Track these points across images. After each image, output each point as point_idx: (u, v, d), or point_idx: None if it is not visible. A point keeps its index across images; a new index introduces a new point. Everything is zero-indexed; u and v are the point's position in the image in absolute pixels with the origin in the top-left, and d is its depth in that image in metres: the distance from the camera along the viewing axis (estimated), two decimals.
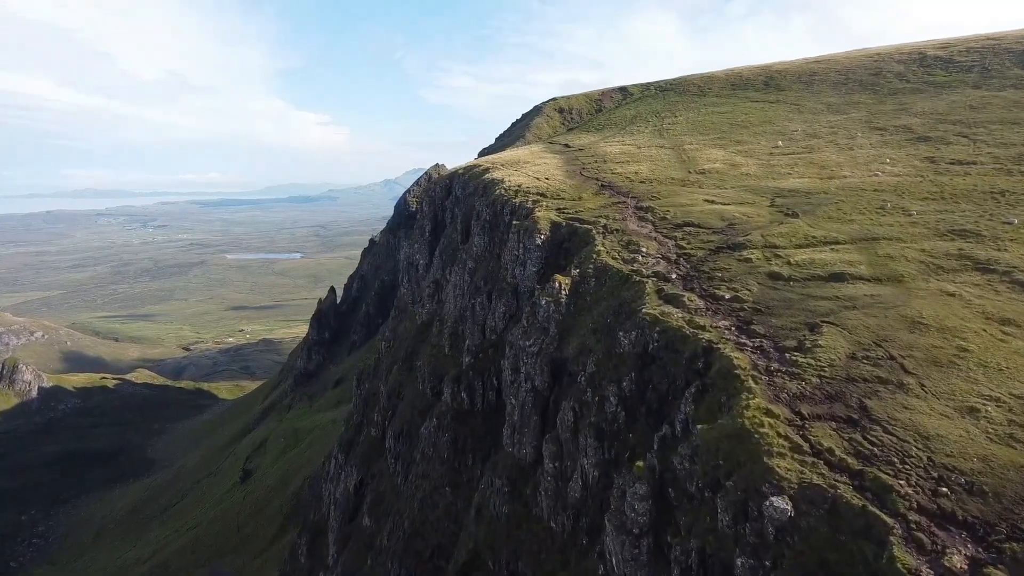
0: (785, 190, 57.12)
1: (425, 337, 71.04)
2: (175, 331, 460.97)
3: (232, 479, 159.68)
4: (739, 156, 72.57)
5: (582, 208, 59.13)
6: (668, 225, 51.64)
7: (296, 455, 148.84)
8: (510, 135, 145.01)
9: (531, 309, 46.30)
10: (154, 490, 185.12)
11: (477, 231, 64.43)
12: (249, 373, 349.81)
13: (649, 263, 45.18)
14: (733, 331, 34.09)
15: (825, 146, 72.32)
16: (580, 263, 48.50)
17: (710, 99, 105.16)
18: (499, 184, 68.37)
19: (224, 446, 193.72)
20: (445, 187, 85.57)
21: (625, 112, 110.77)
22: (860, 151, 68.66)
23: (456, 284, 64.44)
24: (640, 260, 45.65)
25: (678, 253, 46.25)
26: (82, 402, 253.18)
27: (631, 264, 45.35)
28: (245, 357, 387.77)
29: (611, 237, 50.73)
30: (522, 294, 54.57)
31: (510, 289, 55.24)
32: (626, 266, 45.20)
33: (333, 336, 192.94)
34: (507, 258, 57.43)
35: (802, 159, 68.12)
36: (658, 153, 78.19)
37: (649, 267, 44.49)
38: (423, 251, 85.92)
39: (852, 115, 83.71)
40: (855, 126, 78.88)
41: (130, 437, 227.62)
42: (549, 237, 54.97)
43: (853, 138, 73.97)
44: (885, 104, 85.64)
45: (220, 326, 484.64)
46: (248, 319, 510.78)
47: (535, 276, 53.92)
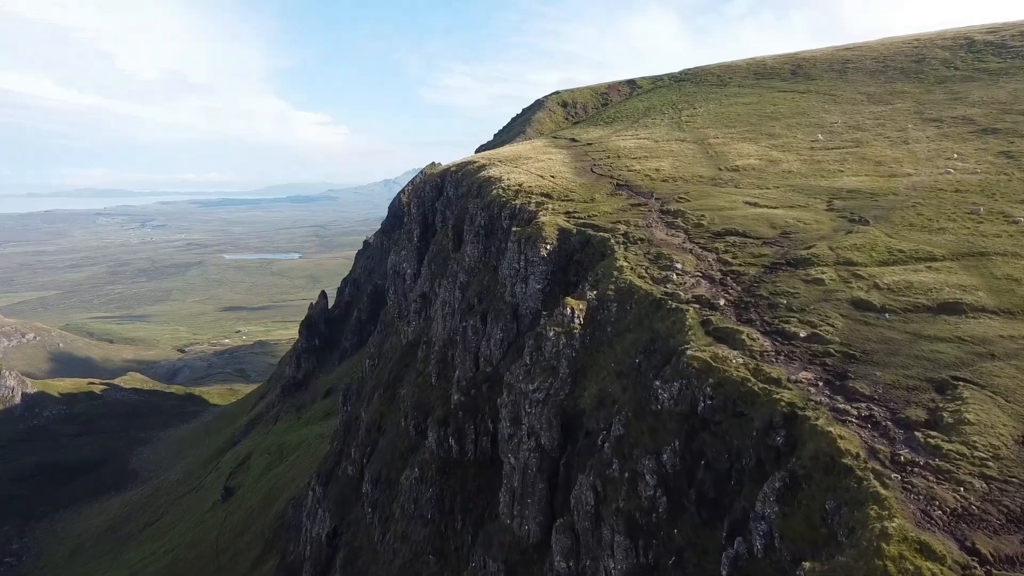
0: (843, 190, 47.21)
1: (410, 361, 61.11)
2: (171, 332, 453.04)
3: (214, 497, 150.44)
4: (775, 151, 62.68)
5: (596, 212, 49.19)
6: (705, 233, 41.66)
7: (280, 473, 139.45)
8: (509, 131, 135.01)
9: (535, 342, 36.32)
10: (134, 506, 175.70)
11: (470, 238, 54.49)
12: (243, 376, 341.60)
13: (687, 283, 35.23)
14: (823, 389, 24.12)
15: (874, 139, 62.54)
16: (597, 282, 38.50)
17: (732, 89, 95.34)
18: (496, 183, 58.41)
19: (208, 459, 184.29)
20: (436, 187, 75.50)
21: (636, 104, 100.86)
22: (917, 145, 58.95)
23: (446, 300, 54.48)
24: (675, 279, 35.70)
25: (723, 270, 36.28)
26: (67, 409, 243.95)
27: (663, 285, 35.39)
28: (240, 359, 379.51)
29: (635, 248, 40.73)
30: (523, 317, 44.62)
31: (509, 310, 45.30)
32: (657, 287, 35.24)
33: (324, 343, 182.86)
34: (505, 272, 47.51)
35: (851, 154, 58.27)
36: (680, 147, 68.23)
37: (688, 289, 34.55)
38: (411, 259, 75.86)
39: (897, 105, 73.91)
40: (903, 117, 69.17)
41: (114, 446, 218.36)
42: (556, 247, 45.03)
43: (904, 130, 64.29)
44: (934, 93, 75.85)
45: (216, 327, 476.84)
46: (245, 320, 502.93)
47: (539, 295, 44.01)
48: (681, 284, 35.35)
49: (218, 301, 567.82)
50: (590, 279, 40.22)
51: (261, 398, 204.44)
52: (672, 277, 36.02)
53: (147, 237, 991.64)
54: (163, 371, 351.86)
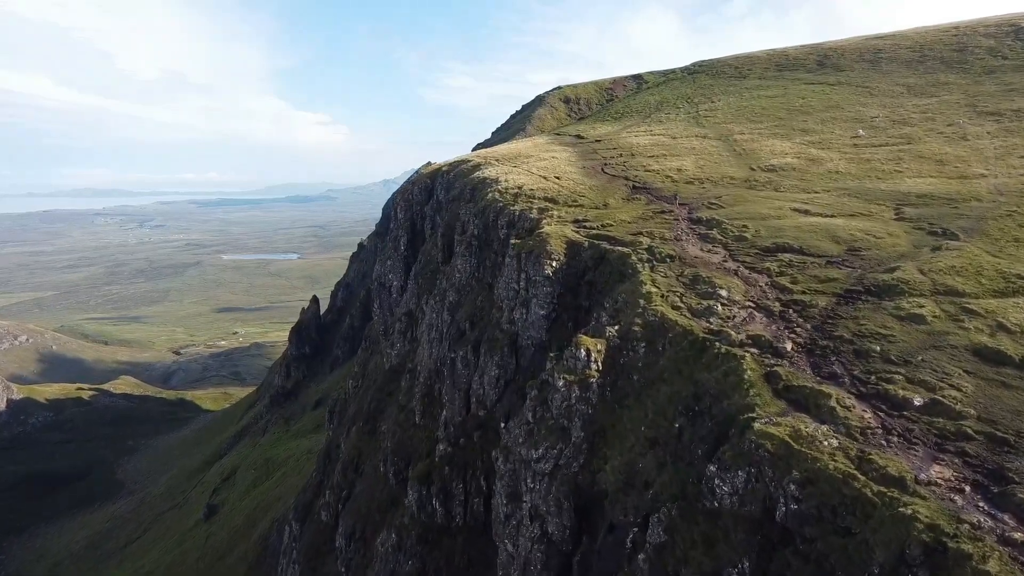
0: (910, 195, 39.11)
1: (393, 390, 53.00)
2: (167, 333, 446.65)
3: (196, 515, 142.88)
4: (814, 148, 54.61)
5: (611, 220, 41.02)
6: (750, 249, 33.53)
7: (266, 490, 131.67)
8: (508, 129, 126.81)
9: (540, 393, 28.18)
10: (116, 520, 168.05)
11: (461, 250, 46.39)
12: (239, 379, 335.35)
13: (737, 317, 27.12)
14: (974, 498, 16.04)
15: (925, 135, 54.58)
16: (617, 311, 30.37)
17: (752, 81, 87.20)
18: (492, 185, 50.31)
19: (194, 472, 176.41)
20: (425, 189, 67.21)
21: (647, 98, 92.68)
22: (979, 141, 51.07)
23: (432, 323, 46.33)
24: (720, 311, 27.57)
25: (782, 299, 28.14)
26: (54, 416, 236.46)
27: (705, 319, 27.27)
28: (236, 362, 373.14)
29: (663, 268, 32.57)
30: (523, 349, 36.49)
31: (506, 340, 37.18)
32: (698, 322, 27.11)
33: (314, 351, 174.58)
34: (502, 292, 39.41)
35: (904, 152, 50.24)
36: (702, 145, 60.10)
37: (739, 325, 26.46)
38: (397, 270, 67.53)
39: (944, 98, 65.82)
40: (954, 111, 61.17)
41: (101, 455, 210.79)
42: (564, 264, 36.90)
43: (957, 125, 56.34)
44: (983, 84, 67.77)
45: (213, 328, 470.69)
46: (242, 321, 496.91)
47: (543, 324, 35.90)
48: (729, 318, 27.22)
49: (215, 302, 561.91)
50: (607, 307, 32.06)
51: (250, 407, 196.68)
52: (716, 308, 27.87)
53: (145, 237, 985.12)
54: (158, 373, 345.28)
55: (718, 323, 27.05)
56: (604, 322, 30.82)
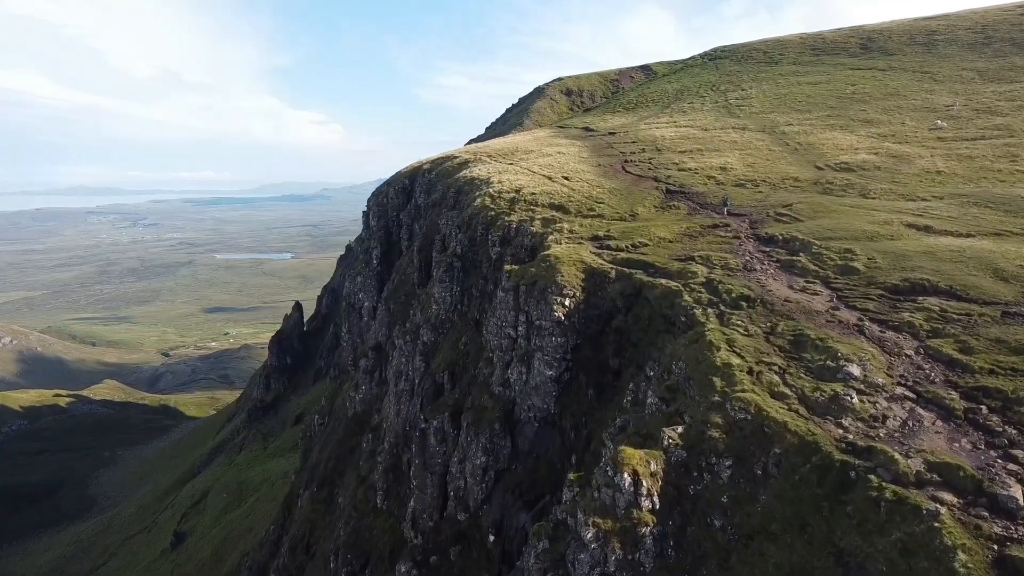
0: None
1: (355, 446, 41.57)
2: (157, 334, 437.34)
3: (163, 543, 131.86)
4: (889, 142, 43.43)
5: (644, 237, 29.50)
6: (869, 288, 22.09)
7: (237, 519, 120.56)
8: (504, 123, 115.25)
9: (552, 547, 16.66)
10: (83, 543, 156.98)
11: (440, 273, 34.85)
12: (228, 382, 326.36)
13: (889, 416, 15.94)
14: None
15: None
16: (674, 393, 18.97)
17: (787, 67, 75.80)
18: (482, 187, 38.84)
19: (166, 492, 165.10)
20: (403, 191, 55.31)
21: (664, 87, 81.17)
22: None
23: (402, 370, 34.84)
24: (856, 404, 16.28)
25: (957, 383, 16.76)
26: (28, 424, 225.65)
27: (835, 418, 16.02)
28: (225, 364, 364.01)
29: (740, 319, 21.08)
30: (522, 425, 25.14)
31: (498, 411, 25.78)
32: (823, 426, 15.87)
33: (296, 361, 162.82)
34: (493, 337, 27.98)
35: (1013, 146, 38.95)
36: (744, 138, 48.77)
37: (899, 435, 15.28)
38: (368, 288, 55.73)
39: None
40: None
41: (75, 468, 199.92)
42: (582, 302, 25.51)
43: None
44: None
45: (205, 329, 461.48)
46: (234, 321, 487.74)
47: (551, 388, 24.59)
48: (877, 420, 15.87)
49: (207, 302, 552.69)
50: (653, 376, 20.72)
51: (228, 421, 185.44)
52: (849, 399, 16.46)
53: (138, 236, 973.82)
54: (145, 376, 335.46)
55: (859, 429, 15.72)
56: (651, 405, 19.41)
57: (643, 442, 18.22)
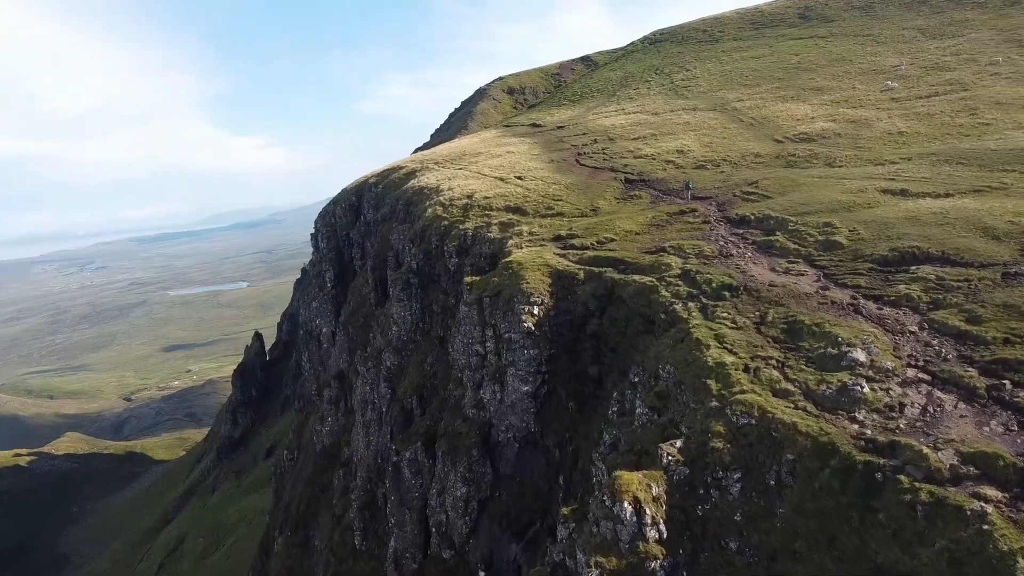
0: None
1: (327, 483, 39.21)
2: (117, 379, 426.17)
3: None
4: (844, 107, 42.59)
5: (609, 232, 27.79)
6: (858, 263, 20.60)
7: (217, 562, 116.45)
8: (449, 128, 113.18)
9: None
10: None
11: (397, 291, 32.75)
12: (195, 420, 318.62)
13: (907, 404, 14.42)
14: None
15: (978, 79, 43.63)
16: (664, 401, 17.19)
17: (728, 44, 74.98)
18: (432, 196, 36.86)
19: (141, 541, 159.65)
20: (351, 208, 52.93)
21: (608, 75, 79.85)
22: None
23: (367, 398, 32.70)
24: (868, 394, 14.75)
25: (973, 358, 15.23)
26: None
27: (848, 411, 14.48)
28: (190, 402, 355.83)
29: (726, 311, 19.40)
30: (502, 448, 23.24)
31: (474, 435, 23.85)
32: (836, 422, 14.32)
33: (262, 392, 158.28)
34: (460, 356, 26.06)
35: (968, 100, 38.28)
36: (698, 118, 47.50)
37: (920, 424, 13.74)
38: (325, 313, 53.26)
39: (971, 36, 54.84)
40: (994, 49, 50.20)
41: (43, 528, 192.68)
42: (551, 308, 23.70)
43: (1014, 63, 44.58)
44: (1012, 17, 57.07)
45: (165, 368, 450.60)
46: (195, 357, 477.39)
47: (529, 405, 22.75)
48: (894, 409, 14.33)
49: (165, 340, 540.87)
50: (639, 382, 18.96)
51: (197, 461, 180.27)
52: (860, 389, 14.88)
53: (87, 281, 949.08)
54: (108, 424, 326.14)
55: (876, 422, 14.14)
56: (641, 416, 17.63)
57: (638, 460, 16.41)
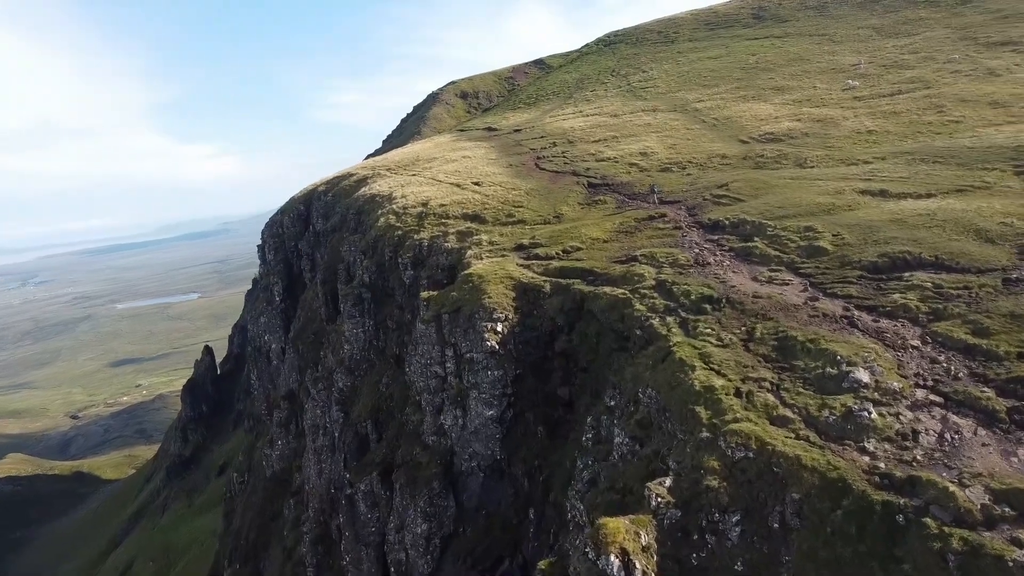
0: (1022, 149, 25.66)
1: (277, 513, 36.72)
2: (63, 396, 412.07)
3: None
4: (808, 107, 41.69)
5: (575, 240, 26.05)
6: (846, 270, 19.15)
7: None
8: (401, 134, 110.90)
9: None
10: None
11: (349, 307, 30.49)
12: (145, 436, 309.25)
13: (921, 431, 12.96)
14: None
15: (939, 76, 43.30)
16: (646, 430, 15.42)
17: (684, 44, 74.19)
18: (385, 204, 34.76)
19: (89, 566, 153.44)
20: (299, 218, 50.45)
21: (563, 77, 78.48)
22: (1017, 74, 39.02)
23: (318, 422, 30.38)
24: (876, 420, 13.26)
25: (986, 376, 13.75)
26: None
27: (856, 441, 12.95)
28: (140, 418, 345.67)
29: (709, 326, 17.74)
30: (466, 478, 21.35)
31: (436, 464, 21.91)
32: (844, 454, 12.77)
33: (213, 408, 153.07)
34: (418, 377, 24.05)
35: (933, 97, 37.72)
36: (659, 120, 46.21)
37: (938, 454, 12.33)
38: (274, 328, 50.66)
39: (927, 34, 54.64)
40: (950, 46, 50.22)
41: None
42: (517, 324, 21.86)
43: (971, 59, 44.53)
44: (965, 15, 57.05)
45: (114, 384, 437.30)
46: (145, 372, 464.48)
47: (494, 431, 20.93)
48: (907, 438, 12.82)
49: (114, 355, 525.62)
50: (615, 405, 17.20)
51: (147, 481, 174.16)
52: (866, 414, 13.32)
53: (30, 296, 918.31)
54: (54, 443, 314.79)
55: (890, 453, 12.61)
56: (621, 446, 15.87)
57: (622, 499, 14.62)
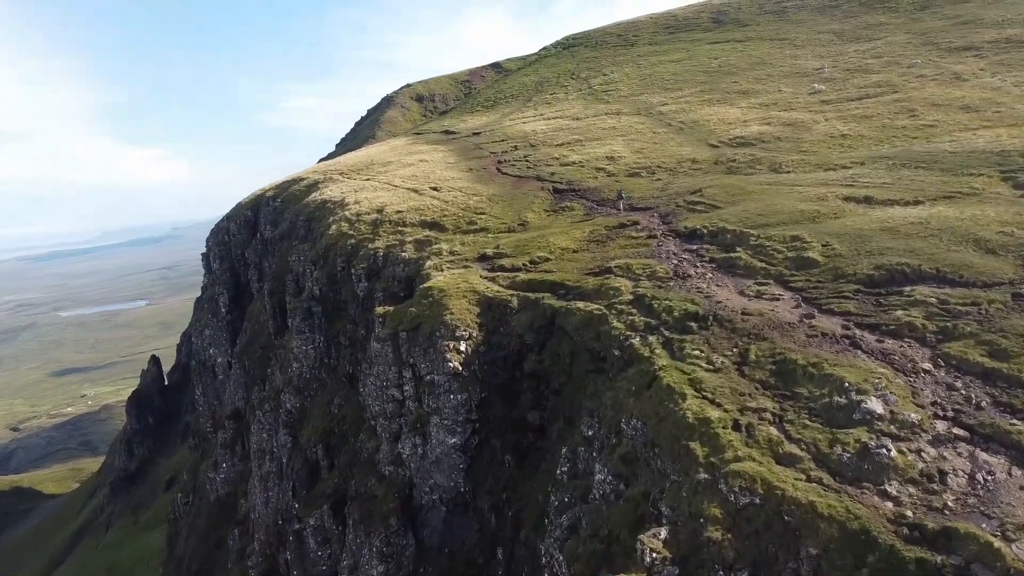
0: (1008, 153, 24.73)
1: (221, 540, 34.14)
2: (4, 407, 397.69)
3: None
4: (776, 111, 40.80)
5: (543, 250, 24.26)
6: (839, 283, 17.65)
7: None
8: (355, 137, 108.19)
9: None
10: None
11: (298, 321, 28.26)
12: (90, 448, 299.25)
13: (948, 470, 11.40)
14: None
15: (905, 80, 43.07)
16: (631, 466, 13.66)
17: (644, 48, 73.16)
18: (337, 211, 32.59)
19: None
20: (246, 224, 47.81)
21: (522, 80, 76.84)
22: (982, 80, 39.40)
23: (264, 446, 28.05)
24: (895, 457, 11.66)
25: (1016, 408, 12.31)
26: None
27: (875, 482, 11.32)
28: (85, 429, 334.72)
29: (697, 347, 16.02)
30: (427, 513, 19.30)
31: (393, 498, 19.86)
32: (864, 499, 11.17)
33: (160, 420, 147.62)
34: (373, 401, 22.01)
35: (904, 102, 36.86)
36: (623, 123, 44.82)
37: (972, 499, 10.58)
38: (220, 341, 47.89)
39: (888, 39, 54.68)
40: (913, 51, 50.04)
41: None
42: (481, 342, 19.99)
43: (935, 64, 44.28)
44: (924, 21, 57.08)
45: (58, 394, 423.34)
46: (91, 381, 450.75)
47: (457, 461, 19.03)
48: (934, 479, 11.25)
49: (57, 364, 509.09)
50: (592, 435, 15.47)
51: (90, 497, 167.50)
52: (885, 452, 11.67)
53: None
54: None
55: (916, 498, 11.03)
56: (603, 484, 14.10)
57: (607, 550, 12.81)
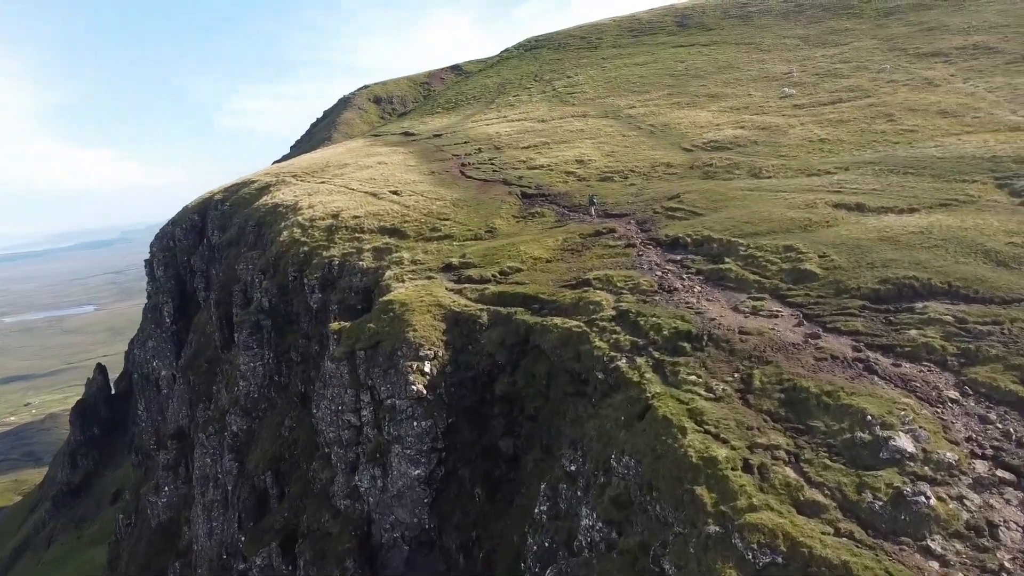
0: (1000, 160, 23.69)
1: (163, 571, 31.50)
2: None
3: None
4: (747, 114, 39.84)
5: (514, 259, 22.44)
6: (843, 299, 16.10)
7: None
8: (311, 139, 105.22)
9: None
10: None
11: (246, 335, 25.99)
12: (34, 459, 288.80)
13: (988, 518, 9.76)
14: None
15: (876, 85, 42.89)
16: (623, 511, 11.88)
17: (608, 51, 71.86)
18: (289, 216, 30.37)
19: None
20: (193, 229, 45.03)
21: (484, 82, 74.98)
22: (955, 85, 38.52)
23: (208, 472, 25.76)
24: (938, 508, 10.20)
25: None
26: None
27: (916, 537, 9.77)
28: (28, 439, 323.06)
29: (692, 372, 14.31)
30: (387, 552, 17.34)
31: (349, 536, 17.83)
32: (894, 556, 9.44)
33: (106, 430, 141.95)
34: (328, 424, 19.96)
35: (879, 107, 36.04)
36: (591, 126, 43.37)
37: (1018, 549, 8.80)
38: (164, 353, 45.02)
39: (855, 44, 54.14)
40: (881, 57, 49.67)
41: None
42: (448, 362, 17.97)
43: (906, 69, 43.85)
44: (890, 27, 56.77)
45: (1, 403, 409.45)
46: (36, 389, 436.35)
47: (422, 494, 17.06)
48: (981, 533, 9.61)
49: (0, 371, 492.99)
50: (576, 471, 13.71)
51: (32, 511, 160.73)
52: (924, 500, 10.04)
53: None
54: None
55: (964, 555, 9.54)
56: (590, 531, 12.33)
57: None
